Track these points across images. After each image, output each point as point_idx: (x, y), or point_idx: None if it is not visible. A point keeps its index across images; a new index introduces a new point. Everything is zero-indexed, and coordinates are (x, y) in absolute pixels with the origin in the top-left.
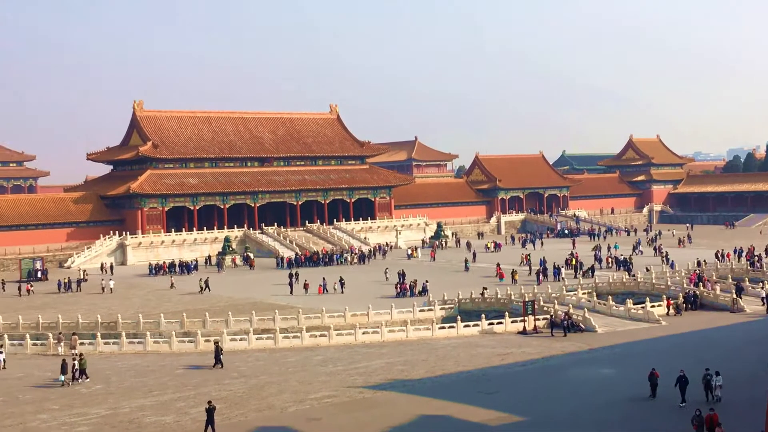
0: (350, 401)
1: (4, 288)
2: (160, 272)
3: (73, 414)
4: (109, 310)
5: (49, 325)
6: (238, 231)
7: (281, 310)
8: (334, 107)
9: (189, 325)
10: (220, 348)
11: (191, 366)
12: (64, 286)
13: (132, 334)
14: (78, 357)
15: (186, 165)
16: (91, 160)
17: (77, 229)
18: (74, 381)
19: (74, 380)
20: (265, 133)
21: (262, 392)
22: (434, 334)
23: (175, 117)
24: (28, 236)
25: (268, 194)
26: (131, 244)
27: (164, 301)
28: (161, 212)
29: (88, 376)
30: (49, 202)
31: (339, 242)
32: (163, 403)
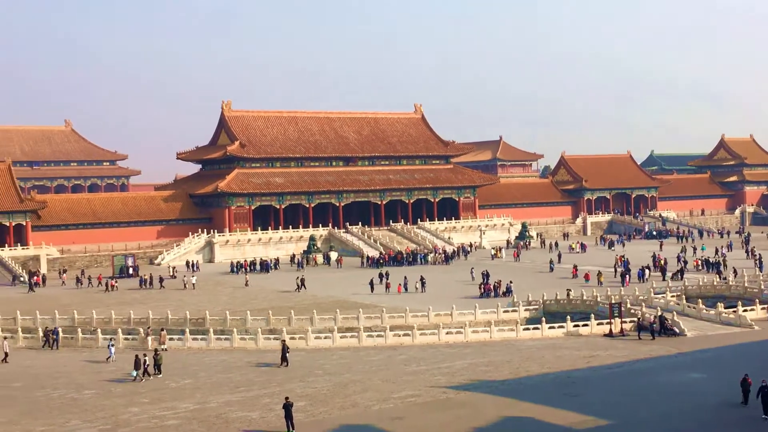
0: (433, 401)
1: (90, 283)
2: (241, 270)
3: (162, 408)
4: (197, 306)
5: (140, 320)
6: (323, 230)
7: (365, 309)
8: (419, 107)
9: (275, 323)
10: (286, 347)
11: (276, 363)
12: (146, 282)
13: (219, 330)
14: (154, 353)
15: (272, 164)
16: (180, 159)
17: (167, 226)
18: (146, 376)
19: (146, 375)
20: (350, 132)
21: (346, 390)
22: (518, 335)
23: (262, 117)
24: (120, 233)
25: (353, 193)
26: (219, 242)
27: (250, 298)
28: (248, 211)
29: (161, 371)
30: (140, 201)
31: (423, 242)
32: (249, 399)
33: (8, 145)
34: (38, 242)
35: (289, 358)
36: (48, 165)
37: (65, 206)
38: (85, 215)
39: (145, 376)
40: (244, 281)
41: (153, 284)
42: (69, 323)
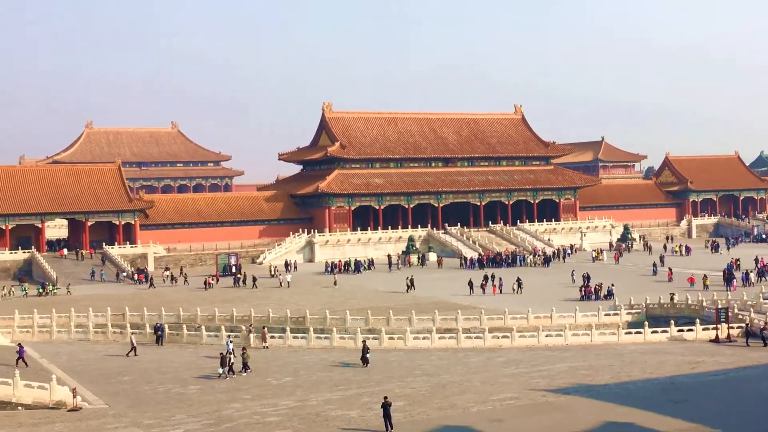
0: (533, 404)
1: (186, 281)
2: (335, 270)
3: (264, 404)
4: (297, 305)
5: (242, 318)
6: (422, 230)
7: (464, 311)
8: (519, 108)
9: (374, 323)
10: (366, 347)
11: (377, 362)
12: (240, 281)
13: (319, 329)
14: (242, 351)
15: (372, 165)
16: (282, 160)
17: (269, 226)
18: (231, 373)
19: (231, 372)
20: (449, 133)
21: (445, 391)
22: (620, 339)
23: (362, 118)
24: (223, 232)
25: (452, 194)
26: (319, 242)
27: (349, 298)
28: (348, 211)
29: (249, 368)
30: (243, 201)
31: (522, 243)
32: (348, 398)
33: (118, 147)
34: (146, 241)
35: (370, 358)
36: (155, 166)
37: (171, 206)
38: (190, 215)
39: (230, 374)
40: (345, 281)
41: (246, 283)
42: (174, 320)
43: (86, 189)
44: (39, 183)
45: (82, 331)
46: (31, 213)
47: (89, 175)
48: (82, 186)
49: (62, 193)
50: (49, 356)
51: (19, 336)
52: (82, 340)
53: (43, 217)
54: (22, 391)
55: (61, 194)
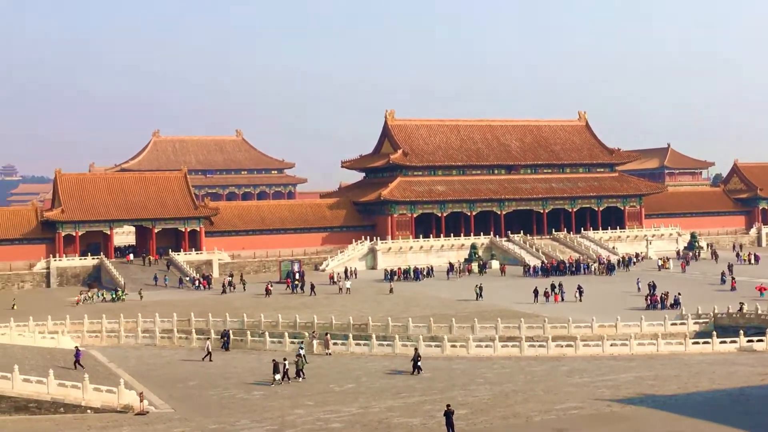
0: (597, 414)
1: (244, 288)
2: (394, 278)
3: (326, 410)
4: (360, 312)
5: (305, 324)
6: (485, 238)
7: (526, 319)
8: (583, 114)
9: (436, 330)
10: (418, 355)
11: (439, 370)
12: (299, 287)
13: (381, 336)
14: (296, 357)
15: (434, 172)
16: (345, 167)
17: (331, 233)
18: (285, 380)
19: (285, 379)
20: (512, 140)
21: (508, 400)
22: (687, 349)
23: (425, 125)
24: (287, 239)
25: (515, 202)
26: (381, 249)
27: (412, 305)
28: (410, 218)
29: (304, 375)
30: (306, 208)
31: (586, 251)
32: (411, 405)
33: (184, 155)
34: (211, 247)
35: (422, 365)
36: (220, 173)
37: (236, 213)
38: (254, 222)
39: (285, 380)
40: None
41: (304, 289)
42: (239, 326)
43: (153, 196)
44: (108, 190)
45: (148, 336)
46: (100, 220)
47: (156, 183)
48: (149, 193)
49: (130, 201)
50: (117, 360)
51: (88, 340)
52: (149, 345)
53: (112, 223)
54: (91, 394)
55: (129, 201)
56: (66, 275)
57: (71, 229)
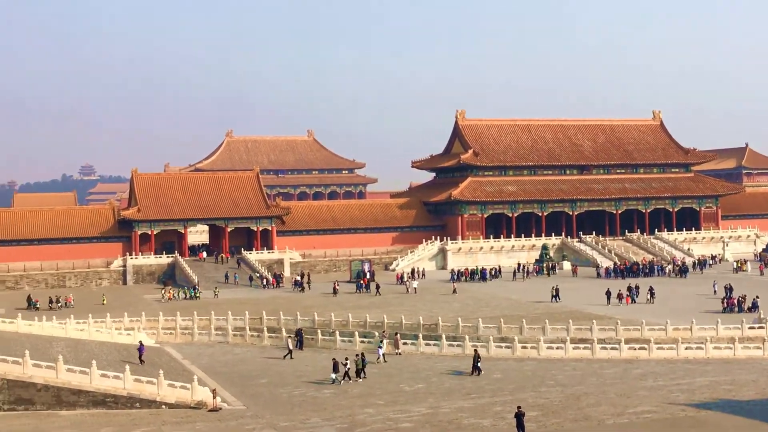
0: (671, 418)
1: (309, 287)
2: (461, 278)
3: (396, 410)
4: (429, 312)
5: (375, 324)
6: (556, 239)
7: (598, 321)
8: (657, 113)
9: (506, 331)
10: (478, 355)
11: (509, 371)
12: (363, 287)
13: (451, 336)
14: (356, 356)
15: (505, 172)
16: (415, 167)
17: (401, 233)
18: (345, 379)
19: (345, 378)
20: (584, 140)
21: (579, 402)
22: (765, 353)
23: (496, 125)
24: (357, 239)
25: (587, 202)
26: (451, 250)
27: (482, 306)
28: (480, 219)
29: (365, 374)
30: (376, 208)
31: (660, 253)
32: (481, 406)
33: (256, 155)
34: (282, 246)
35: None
36: (291, 173)
37: (307, 212)
38: (325, 221)
39: (345, 379)
40: (479, 289)
41: (369, 289)
42: (309, 324)
43: (226, 196)
44: (182, 190)
45: (221, 333)
46: (174, 219)
47: (229, 183)
48: (222, 193)
49: (204, 200)
50: (191, 357)
51: (163, 337)
52: (222, 343)
53: (186, 222)
54: (165, 390)
55: (203, 201)
56: (141, 273)
57: (147, 228)
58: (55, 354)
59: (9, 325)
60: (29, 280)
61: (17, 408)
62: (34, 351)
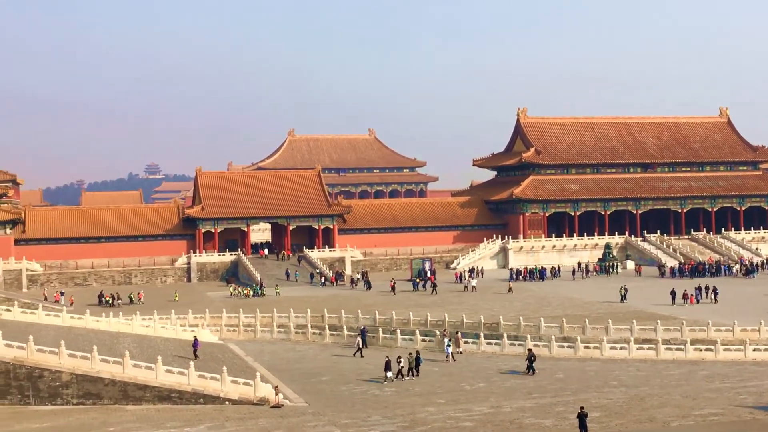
0: (739, 421)
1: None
2: (519, 277)
3: (457, 409)
4: (490, 311)
5: (436, 322)
6: (619, 238)
7: (663, 321)
8: (725, 110)
9: (568, 331)
10: (533, 355)
11: (572, 371)
12: (420, 285)
13: (513, 336)
14: (409, 355)
15: (567, 171)
16: (476, 166)
17: (462, 232)
18: (398, 377)
19: (399, 377)
20: (648, 138)
21: (643, 403)
22: None
23: (558, 123)
24: (418, 238)
25: (651, 201)
26: (513, 248)
27: (544, 305)
28: (542, 217)
29: (418, 373)
30: (437, 206)
31: (727, 252)
32: (543, 406)
33: (318, 154)
34: (343, 245)
35: (535, 366)
36: (353, 172)
37: (368, 211)
38: (386, 220)
39: (399, 378)
40: (540, 288)
41: (426, 287)
42: (370, 323)
43: (288, 194)
44: (245, 188)
45: (283, 331)
46: (237, 217)
47: (291, 181)
48: (284, 191)
49: (266, 198)
50: (254, 354)
51: (226, 334)
52: (284, 340)
53: (249, 221)
54: (229, 386)
55: (265, 199)
56: (205, 270)
57: (210, 226)
58: (121, 349)
59: (78, 320)
60: (97, 277)
61: (85, 402)
62: (102, 346)
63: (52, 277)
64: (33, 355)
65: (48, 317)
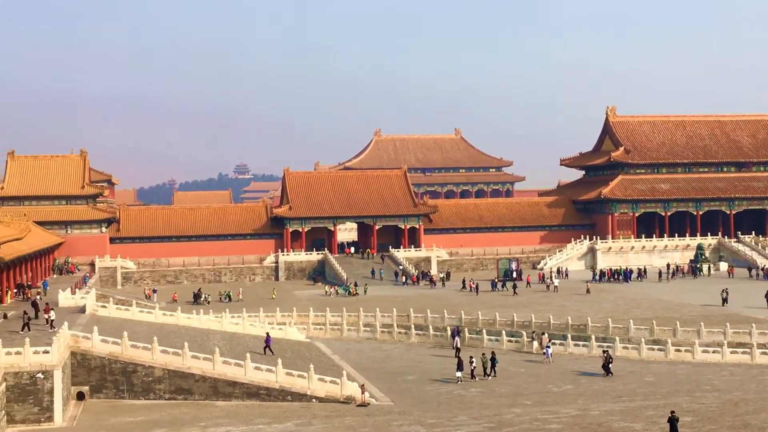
0: None
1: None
2: (603, 279)
3: (544, 411)
4: (578, 312)
5: (522, 323)
6: (712, 239)
7: (758, 324)
8: None
9: (659, 333)
10: (610, 357)
11: (662, 374)
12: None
13: (601, 338)
14: (482, 355)
15: (658, 170)
16: (564, 165)
17: (549, 232)
18: (472, 378)
19: (472, 378)
20: (743, 136)
21: (737, 409)
22: None
23: (648, 122)
24: (504, 238)
25: (746, 201)
26: (601, 249)
27: (633, 307)
28: (632, 218)
29: (495, 373)
30: (524, 206)
31: None
32: (632, 410)
33: (404, 153)
34: (429, 244)
35: (612, 368)
36: (438, 172)
37: (454, 211)
38: (472, 220)
39: (471, 379)
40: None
41: (506, 287)
42: (456, 323)
43: (374, 194)
44: (332, 188)
45: (369, 330)
46: (324, 216)
47: (377, 181)
48: (370, 191)
49: (353, 198)
50: (340, 353)
51: (313, 332)
52: (370, 339)
53: (336, 220)
54: (316, 384)
55: (352, 199)
56: (293, 269)
57: (298, 225)
58: (211, 346)
59: (170, 317)
60: (188, 275)
61: (177, 397)
62: (193, 343)
63: (145, 275)
64: (127, 351)
65: (141, 314)
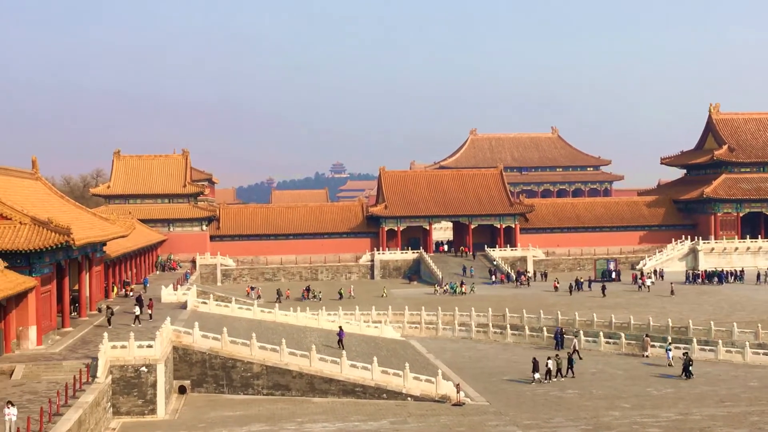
0: None
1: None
2: (697, 280)
3: (643, 414)
4: (679, 314)
5: (621, 325)
6: None
7: None
8: None
9: (764, 337)
10: (689, 359)
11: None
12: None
13: (703, 341)
14: (556, 356)
15: (763, 169)
16: (664, 164)
17: (649, 232)
18: (547, 379)
19: (547, 378)
20: None
21: None
22: None
23: (753, 119)
24: (602, 238)
25: None
26: (703, 249)
27: (737, 309)
28: (735, 218)
29: (565, 374)
30: (622, 206)
31: None
32: (735, 415)
33: (500, 152)
34: (525, 244)
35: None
36: (535, 170)
37: (550, 210)
38: (569, 219)
39: (546, 380)
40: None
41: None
42: (552, 323)
43: (470, 193)
44: (427, 187)
45: (464, 329)
46: (420, 215)
47: (473, 180)
48: (466, 190)
49: (448, 197)
50: (435, 352)
51: (408, 331)
52: (465, 338)
53: (431, 219)
54: (411, 383)
55: (447, 198)
56: (388, 268)
57: (393, 224)
58: (308, 343)
59: (267, 314)
60: (285, 273)
61: (274, 393)
62: (290, 340)
63: (244, 272)
64: (227, 347)
65: (240, 310)
